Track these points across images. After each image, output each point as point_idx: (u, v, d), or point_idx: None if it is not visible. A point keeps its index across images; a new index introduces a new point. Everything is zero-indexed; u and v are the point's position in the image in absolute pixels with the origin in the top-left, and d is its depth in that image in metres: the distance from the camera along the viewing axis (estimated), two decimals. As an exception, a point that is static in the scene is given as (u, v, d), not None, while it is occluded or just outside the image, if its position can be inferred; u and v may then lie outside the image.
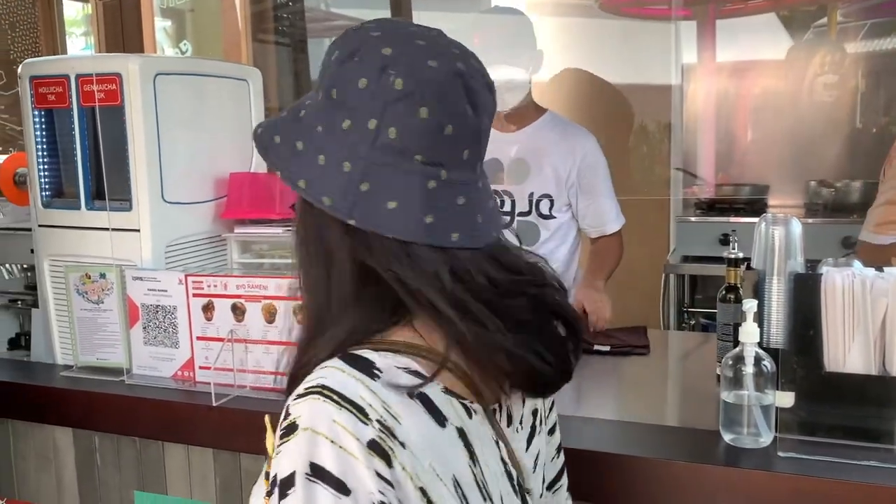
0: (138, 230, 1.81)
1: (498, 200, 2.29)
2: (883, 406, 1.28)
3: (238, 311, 1.67)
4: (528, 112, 2.35)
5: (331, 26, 4.98)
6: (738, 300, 1.59)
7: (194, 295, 1.71)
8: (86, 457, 1.75)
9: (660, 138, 4.03)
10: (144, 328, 1.76)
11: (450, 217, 0.80)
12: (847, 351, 1.30)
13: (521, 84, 2.27)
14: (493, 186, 2.13)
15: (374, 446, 0.73)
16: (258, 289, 1.65)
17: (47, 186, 1.93)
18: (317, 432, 0.72)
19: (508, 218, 2.33)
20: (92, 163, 1.86)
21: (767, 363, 1.31)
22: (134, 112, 1.77)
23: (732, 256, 1.63)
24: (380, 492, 0.72)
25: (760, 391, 1.31)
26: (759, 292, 1.47)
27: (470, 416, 0.82)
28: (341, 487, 0.71)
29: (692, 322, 3.36)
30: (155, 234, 1.81)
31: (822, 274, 1.33)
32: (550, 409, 1.01)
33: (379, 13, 4.75)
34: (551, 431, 1.02)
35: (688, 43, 4.01)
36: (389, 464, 0.73)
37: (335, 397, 0.74)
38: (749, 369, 1.31)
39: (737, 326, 1.42)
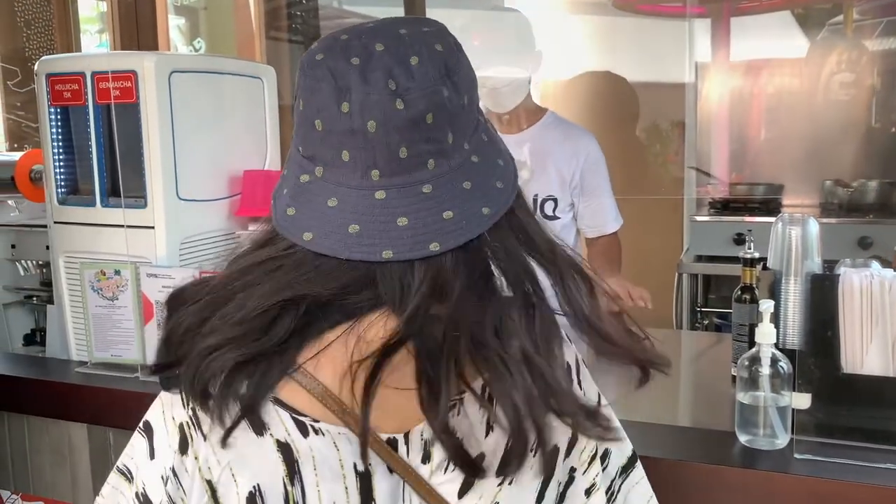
0: (153, 227, 1.81)
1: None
2: (901, 408, 1.28)
3: (252, 309, 1.67)
4: (529, 113, 2.34)
5: (344, 24, 4.99)
6: (754, 300, 1.58)
7: (208, 292, 1.71)
8: (100, 453, 1.76)
9: (674, 137, 4.01)
10: (159, 325, 1.75)
11: (311, 215, 0.77)
12: (865, 352, 1.29)
13: (519, 85, 2.26)
14: None
15: (181, 429, 0.81)
16: (272, 286, 1.65)
17: (63, 183, 1.93)
18: (160, 398, 0.86)
19: None
20: (107, 160, 1.86)
21: (784, 364, 1.30)
22: (149, 109, 1.77)
23: (748, 256, 1.62)
24: (171, 469, 0.81)
25: (777, 392, 1.30)
26: (775, 293, 1.46)
27: (306, 434, 0.79)
28: (151, 452, 0.84)
29: (706, 322, 3.35)
30: (169, 231, 1.82)
31: (839, 275, 1.32)
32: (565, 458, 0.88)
33: (392, 11, 4.74)
34: (567, 488, 0.88)
35: (702, 41, 3.99)
36: (184, 451, 0.80)
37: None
38: (765, 370, 1.30)
39: (752, 327, 1.42)
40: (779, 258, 1.47)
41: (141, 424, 0.87)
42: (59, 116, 1.91)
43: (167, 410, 0.84)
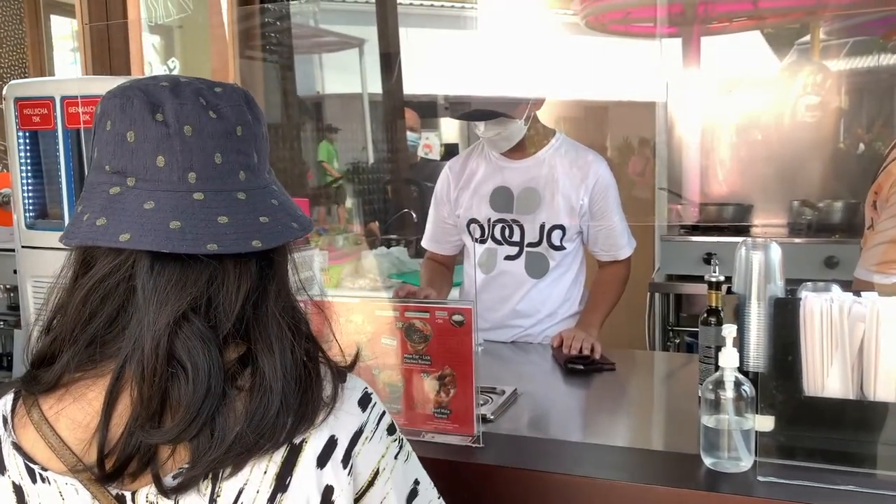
0: (122, 252, 1.81)
1: (510, 227, 2.28)
2: (861, 430, 1.30)
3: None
4: (536, 138, 2.30)
5: (319, 42, 5.00)
6: (720, 323, 1.60)
7: (178, 317, 1.71)
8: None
9: (645, 156, 4.05)
10: (128, 350, 1.76)
11: (127, 220, 0.78)
12: (826, 375, 1.31)
13: (512, 132, 2.22)
14: (502, 216, 2.10)
15: None
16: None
17: (31, 207, 1.93)
18: None
19: (517, 248, 2.29)
20: (76, 184, 1.86)
21: (747, 388, 1.32)
22: (119, 134, 1.77)
23: (713, 279, 1.64)
24: None
25: (740, 415, 1.32)
26: (739, 316, 1.48)
27: (34, 480, 0.81)
28: None
29: (677, 341, 3.38)
30: (139, 255, 1.81)
31: (801, 299, 1.34)
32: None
33: (365, 30, 4.78)
34: None
35: (673, 60, 4.04)
36: None
37: None
38: (729, 394, 1.32)
39: (718, 349, 1.43)
40: (742, 282, 1.49)
41: None
42: (27, 140, 1.91)
43: None
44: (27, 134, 1.89)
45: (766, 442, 1.30)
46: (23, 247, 1.92)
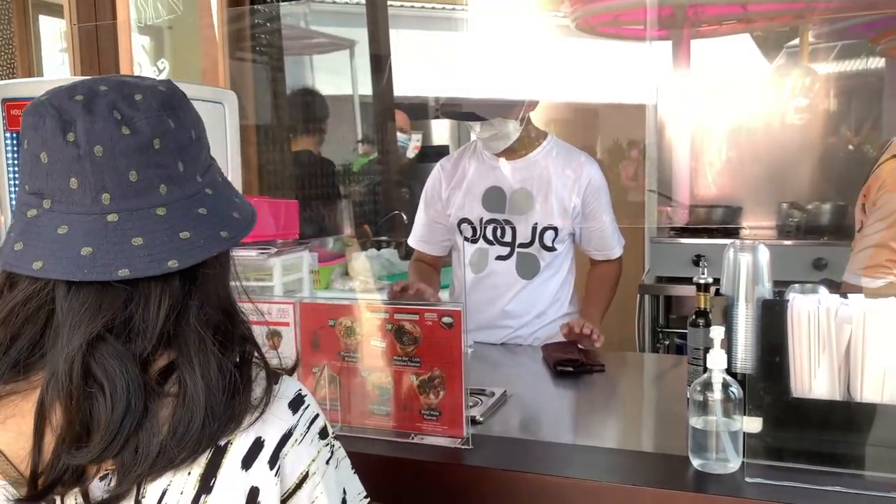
0: (110, 253, 1.80)
1: (501, 228, 2.28)
2: (847, 431, 1.30)
3: (210, 336, 1.66)
4: (529, 140, 2.32)
5: (309, 44, 4.99)
6: (708, 324, 1.61)
7: (166, 319, 1.70)
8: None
9: (634, 159, 4.07)
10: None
11: (41, 245, 0.78)
12: (813, 377, 1.32)
13: (505, 134, 2.24)
14: (494, 216, 2.11)
15: None
16: (231, 313, 1.64)
17: (19, 209, 1.91)
18: None
19: (509, 249, 2.30)
20: (64, 186, 1.85)
21: (735, 389, 1.33)
22: (107, 135, 1.77)
23: (702, 281, 1.65)
24: None
25: (728, 417, 1.33)
26: (728, 318, 1.49)
27: None
28: None
29: (667, 342, 3.39)
30: (127, 257, 1.80)
31: (788, 301, 1.35)
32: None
33: (355, 31, 4.77)
34: None
35: (663, 63, 4.05)
36: None
37: None
38: (717, 395, 1.32)
39: (707, 351, 1.44)
40: (731, 284, 1.49)
41: None
42: (15, 142, 1.89)
43: None
44: (15, 135, 1.88)
45: (754, 443, 1.31)
46: (10, 248, 1.91)
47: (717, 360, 1.33)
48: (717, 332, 1.35)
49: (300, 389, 0.89)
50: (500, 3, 4.13)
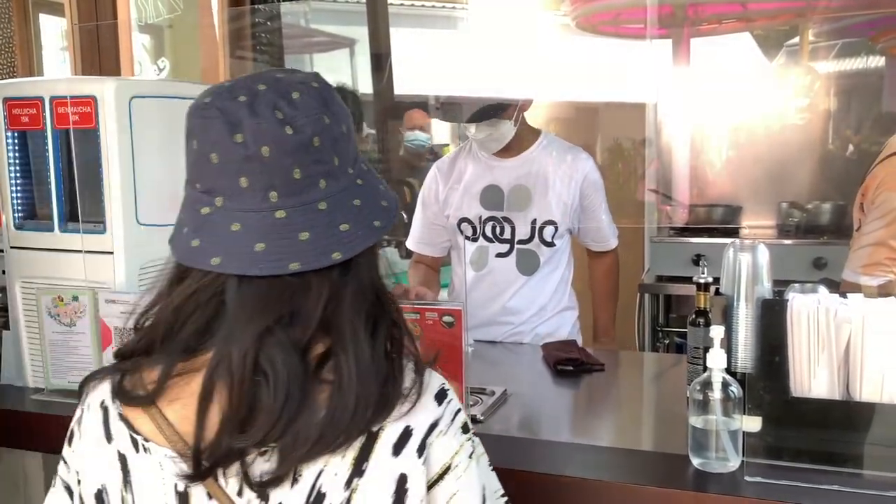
0: (112, 252, 1.80)
1: (500, 225, 2.30)
2: (846, 430, 1.31)
3: (211, 335, 1.67)
4: (524, 138, 2.33)
5: (309, 42, 4.99)
6: (708, 324, 1.61)
7: (168, 318, 1.70)
8: (56, 482, 1.74)
9: (635, 158, 4.07)
10: (117, 351, 1.75)
11: (217, 242, 0.83)
12: (812, 376, 1.32)
13: (503, 133, 2.25)
14: (492, 213, 2.15)
15: (72, 425, 0.94)
16: (232, 312, 1.65)
17: (20, 208, 1.92)
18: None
19: (508, 246, 2.32)
20: (65, 185, 1.85)
21: (734, 388, 1.33)
22: (109, 135, 1.77)
23: (702, 281, 1.65)
24: (63, 457, 0.95)
25: (728, 416, 1.33)
26: (727, 317, 1.49)
27: (137, 450, 0.88)
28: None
29: (667, 341, 3.39)
30: (128, 256, 1.81)
31: (787, 300, 1.35)
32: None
33: (356, 30, 4.77)
34: None
35: (663, 62, 4.05)
36: (70, 442, 0.94)
37: (86, 378, 0.94)
38: (717, 395, 1.33)
39: (706, 350, 1.44)
40: (731, 284, 1.50)
41: None
42: (16, 141, 1.89)
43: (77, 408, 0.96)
44: (15, 134, 1.88)
45: (754, 442, 1.31)
46: (11, 247, 1.91)
47: (716, 359, 1.33)
48: (716, 332, 1.35)
49: (443, 383, 0.93)
50: (501, 1, 4.14)
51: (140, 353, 0.90)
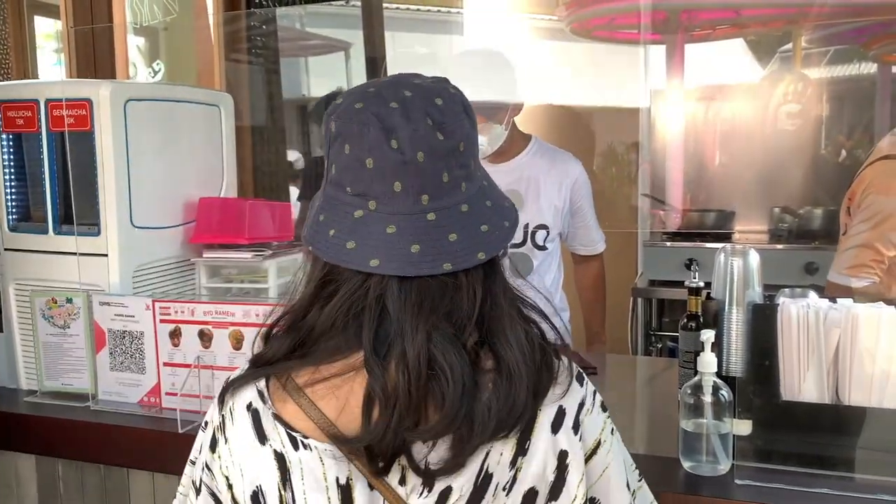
0: (106, 255, 1.81)
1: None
2: (835, 434, 1.32)
3: (205, 338, 1.67)
4: (515, 143, 2.33)
5: (304, 46, 4.99)
6: (700, 328, 1.62)
7: (161, 321, 1.71)
8: (49, 485, 1.74)
9: (628, 162, 4.08)
10: (111, 353, 1.76)
11: (374, 244, 0.85)
12: (802, 380, 1.34)
13: (494, 137, 2.23)
14: None
15: (213, 431, 0.94)
16: (225, 315, 1.65)
17: (14, 210, 1.92)
18: (213, 401, 0.96)
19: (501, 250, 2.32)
20: (60, 187, 1.86)
21: (725, 392, 1.34)
22: (104, 137, 1.78)
23: (693, 285, 1.66)
24: (206, 464, 0.95)
25: (718, 419, 1.34)
26: (718, 321, 1.50)
27: (296, 447, 0.88)
28: (200, 447, 0.97)
29: (660, 345, 3.40)
30: (123, 258, 1.82)
31: (778, 305, 1.36)
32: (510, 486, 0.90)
33: (352, 33, 4.78)
34: None
35: (657, 67, 4.07)
36: (214, 449, 0.94)
37: (227, 384, 0.94)
38: (707, 398, 1.34)
39: (697, 354, 1.45)
40: (722, 288, 1.51)
41: (202, 422, 0.99)
42: (10, 143, 1.90)
43: (212, 412, 0.96)
44: (10, 136, 1.89)
45: (744, 445, 1.33)
46: (5, 249, 1.91)
47: (707, 363, 1.34)
48: (707, 336, 1.36)
49: (575, 364, 0.97)
50: (495, 6, 4.15)
51: (282, 359, 0.91)
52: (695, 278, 1.66)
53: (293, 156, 4.06)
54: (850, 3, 3.58)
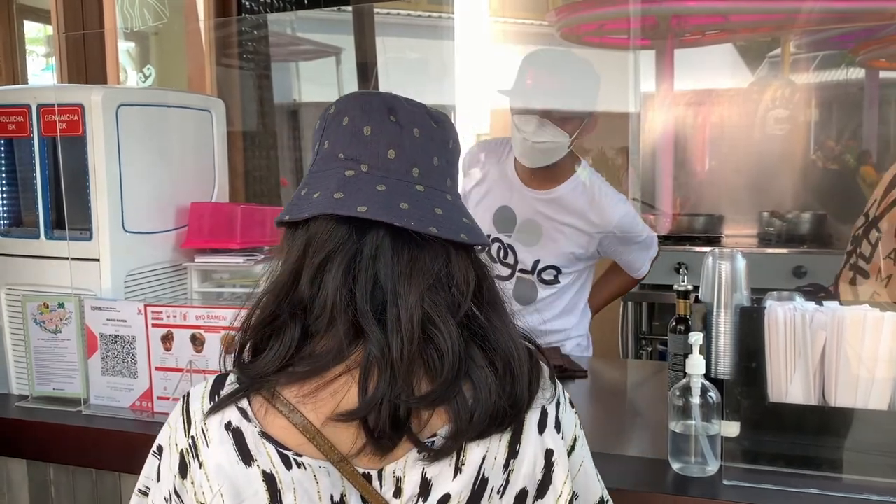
0: (98, 260, 1.81)
1: (504, 250, 2.22)
2: (822, 435, 1.34)
3: (197, 342, 1.68)
4: (562, 169, 2.16)
5: (295, 51, 5.00)
6: (688, 331, 1.64)
7: (153, 325, 1.71)
8: (40, 490, 1.74)
9: (618, 167, 4.10)
10: (103, 358, 1.76)
11: (363, 196, 0.87)
12: (789, 382, 1.35)
13: (556, 146, 2.10)
14: (498, 236, 2.19)
15: (181, 455, 0.88)
16: (217, 319, 1.66)
17: (6, 215, 1.92)
18: (168, 424, 0.93)
19: (510, 271, 2.23)
20: (52, 192, 1.86)
21: (713, 394, 1.36)
22: (96, 142, 1.78)
23: (682, 288, 1.68)
24: (172, 492, 0.88)
25: (707, 421, 1.36)
26: (707, 324, 1.52)
27: (289, 466, 0.85)
28: (158, 475, 0.91)
29: (650, 349, 3.42)
30: (115, 263, 1.82)
31: (765, 308, 1.38)
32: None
33: (343, 38, 4.79)
34: None
35: (646, 72, 4.09)
36: (184, 475, 0.88)
37: (184, 403, 0.92)
38: (696, 400, 1.35)
39: (686, 357, 1.47)
40: (710, 291, 1.52)
41: (154, 447, 0.95)
42: (2, 148, 1.90)
43: (172, 436, 0.91)
44: (2, 141, 1.89)
45: (732, 447, 1.34)
46: (-3, 254, 1.92)
47: (695, 365, 1.36)
48: (695, 339, 1.38)
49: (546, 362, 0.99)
50: (486, 11, 4.16)
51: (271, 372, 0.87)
52: (683, 282, 1.68)
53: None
54: (838, 10, 3.61)
